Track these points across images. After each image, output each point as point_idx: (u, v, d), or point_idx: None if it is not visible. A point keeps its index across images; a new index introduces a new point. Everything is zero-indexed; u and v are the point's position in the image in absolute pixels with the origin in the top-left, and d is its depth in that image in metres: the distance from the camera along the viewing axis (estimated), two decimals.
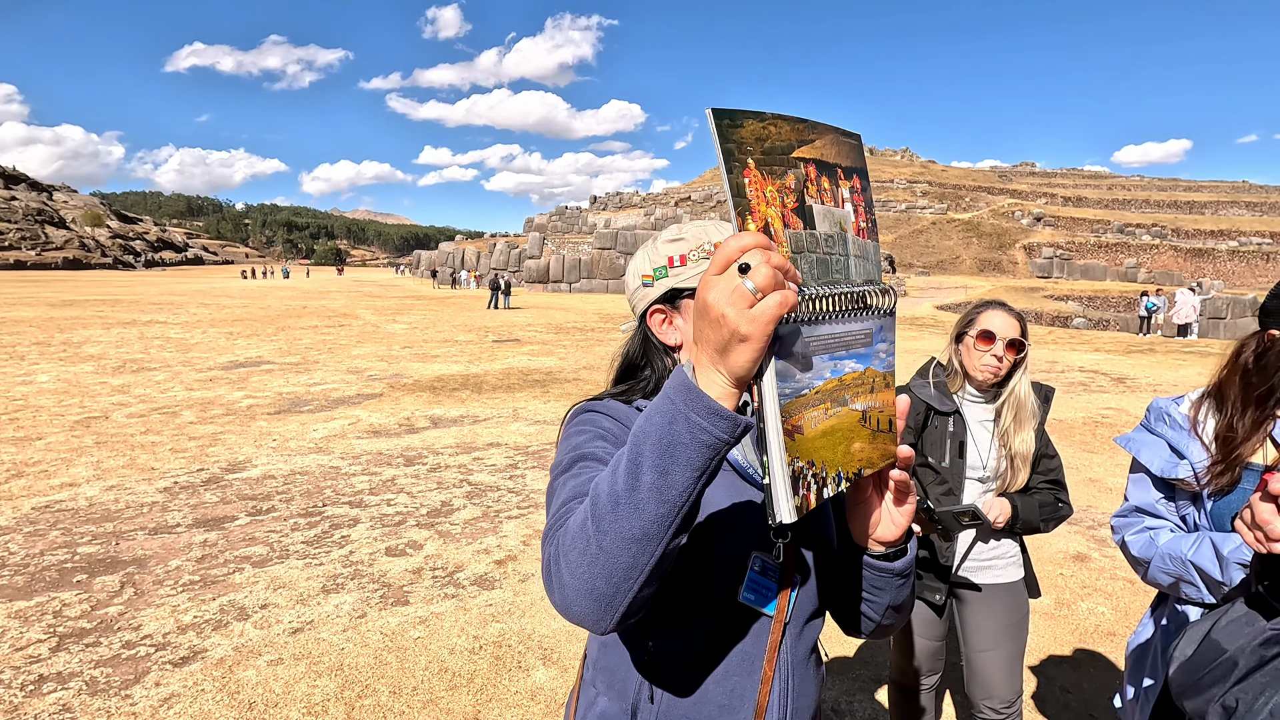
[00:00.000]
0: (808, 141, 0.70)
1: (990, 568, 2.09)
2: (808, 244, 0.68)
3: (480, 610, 3.55)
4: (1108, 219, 54.42)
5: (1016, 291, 32.69)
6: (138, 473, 5.66)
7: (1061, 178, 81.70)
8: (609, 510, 0.67)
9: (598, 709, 0.99)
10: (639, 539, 0.66)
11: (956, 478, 2.03)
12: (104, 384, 9.43)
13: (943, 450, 2.04)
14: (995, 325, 1.99)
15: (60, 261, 76.12)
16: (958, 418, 2.05)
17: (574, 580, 0.70)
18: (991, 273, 45.56)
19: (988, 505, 2.00)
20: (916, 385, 2.14)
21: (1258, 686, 0.90)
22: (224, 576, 3.84)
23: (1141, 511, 1.54)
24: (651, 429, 0.65)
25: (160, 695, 2.78)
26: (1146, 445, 1.54)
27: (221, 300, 26.86)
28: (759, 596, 0.95)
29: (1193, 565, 1.35)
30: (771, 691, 0.95)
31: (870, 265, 0.77)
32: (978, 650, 2.09)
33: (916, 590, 2.11)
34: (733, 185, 0.61)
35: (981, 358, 2.00)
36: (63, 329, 15.59)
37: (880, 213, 58.72)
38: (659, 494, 0.65)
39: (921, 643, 2.20)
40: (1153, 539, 1.47)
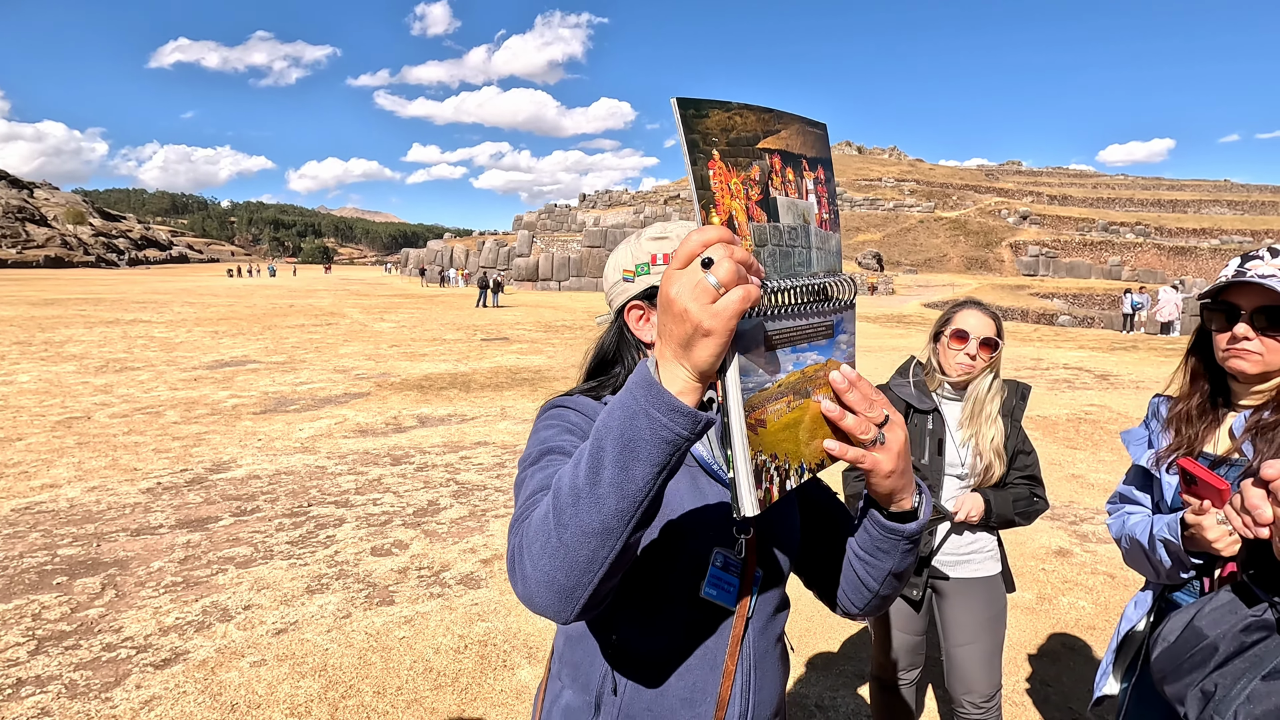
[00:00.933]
0: (773, 132, 0.69)
1: (968, 562, 2.11)
2: (771, 237, 0.68)
3: (466, 609, 3.54)
4: (1092, 217, 54.97)
5: (1002, 289, 32.97)
6: (120, 473, 5.60)
7: (1047, 176, 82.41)
8: (570, 504, 0.68)
9: (563, 702, 1.00)
10: (599, 533, 0.67)
11: (936, 475, 2.06)
12: (86, 384, 9.32)
13: (922, 448, 2.06)
14: (969, 324, 2.01)
15: (42, 260, 75.10)
16: (936, 416, 2.08)
17: (535, 572, 0.71)
18: (978, 270, 45.90)
19: (960, 500, 2.03)
20: (895, 384, 2.16)
21: (1237, 671, 0.92)
22: (207, 578, 3.81)
23: (1123, 498, 1.66)
24: (613, 424, 0.65)
25: (141, 698, 2.76)
26: (1136, 438, 1.65)
27: (206, 299, 26.60)
28: (721, 592, 0.96)
29: (1140, 544, 1.46)
30: (733, 685, 0.96)
31: (831, 256, 0.78)
32: (957, 644, 2.12)
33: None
34: (697, 177, 0.60)
35: (955, 356, 2.03)
36: (44, 328, 15.38)
37: (868, 211, 59.01)
38: (619, 489, 0.65)
39: (901, 637, 2.22)
40: (1124, 522, 1.57)
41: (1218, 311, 1.37)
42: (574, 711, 0.98)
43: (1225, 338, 1.36)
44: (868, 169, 76.58)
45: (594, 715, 0.96)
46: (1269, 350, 1.31)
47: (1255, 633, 0.93)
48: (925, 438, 2.07)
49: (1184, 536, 1.30)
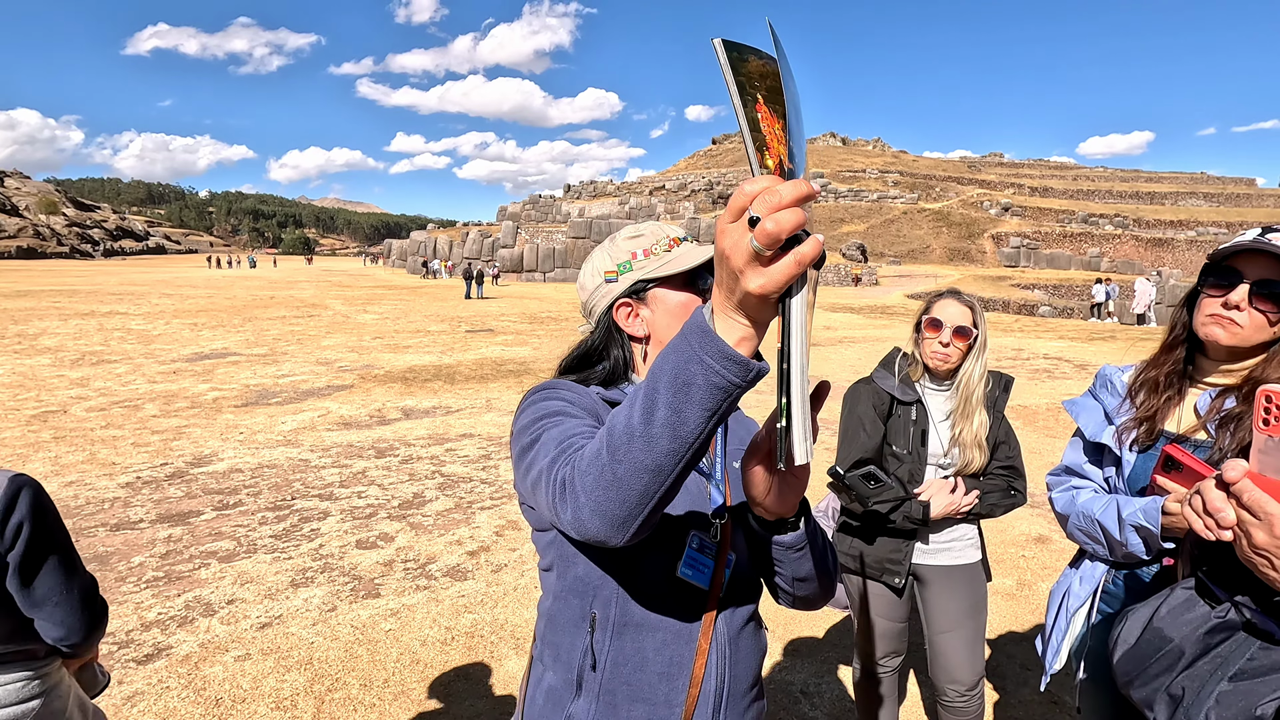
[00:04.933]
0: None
1: (949, 550, 2.13)
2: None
3: (453, 601, 3.54)
4: (1073, 209, 55.62)
5: (984, 280, 33.30)
6: (98, 468, 5.52)
7: (1029, 168, 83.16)
8: (624, 441, 0.70)
9: (545, 684, 1.03)
10: (651, 470, 0.70)
11: (919, 464, 2.08)
12: (62, 377, 9.16)
13: (906, 439, 2.09)
14: (945, 314, 2.03)
15: (13, 250, 73.47)
16: (919, 407, 2.09)
17: (589, 501, 0.75)
18: (961, 262, 46.31)
19: (929, 485, 2.06)
20: (879, 376, 2.17)
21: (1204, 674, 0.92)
22: (189, 572, 3.78)
23: (1070, 471, 1.65)
24: (667, 367, 0.67)
25: (123, 694, 2.73)
26: (1085, 409, 1.63)
27: (185, 290, 26.18)
28: (696, 572, 1.00)
29: (1099, 524, 1.45)
30: (708, 662, 1.01)
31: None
32: (939, 631, 2.15)
33: (876, 573, 2.13)
34: (749, 119, 0.58)
35: (930, 345, 2.05)
36: (16, 320, 15.07)
37: (852, 202, 59.22)
38: (672, 430, 0.67)
39: (883, 624, 2.24)
40: (1074, 498, 1.57)
41: (1218, 275, 1.35)
42: (556, 692, 1.01)
43: (1215, 303, 1.34)
44: (852, 160, 76.82)
45: (575, 693, 0.99)
46: (1251, 324, 1.30)
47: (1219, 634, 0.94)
48: (909, 428, 2.08)
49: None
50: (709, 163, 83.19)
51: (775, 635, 3.24)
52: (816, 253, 0.58)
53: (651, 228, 1.10)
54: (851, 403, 2.18)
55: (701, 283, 1.08)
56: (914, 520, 2.02)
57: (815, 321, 15.52)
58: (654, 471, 0.70)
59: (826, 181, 63.28)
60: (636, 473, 0.70)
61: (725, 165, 77.22)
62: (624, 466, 0.71)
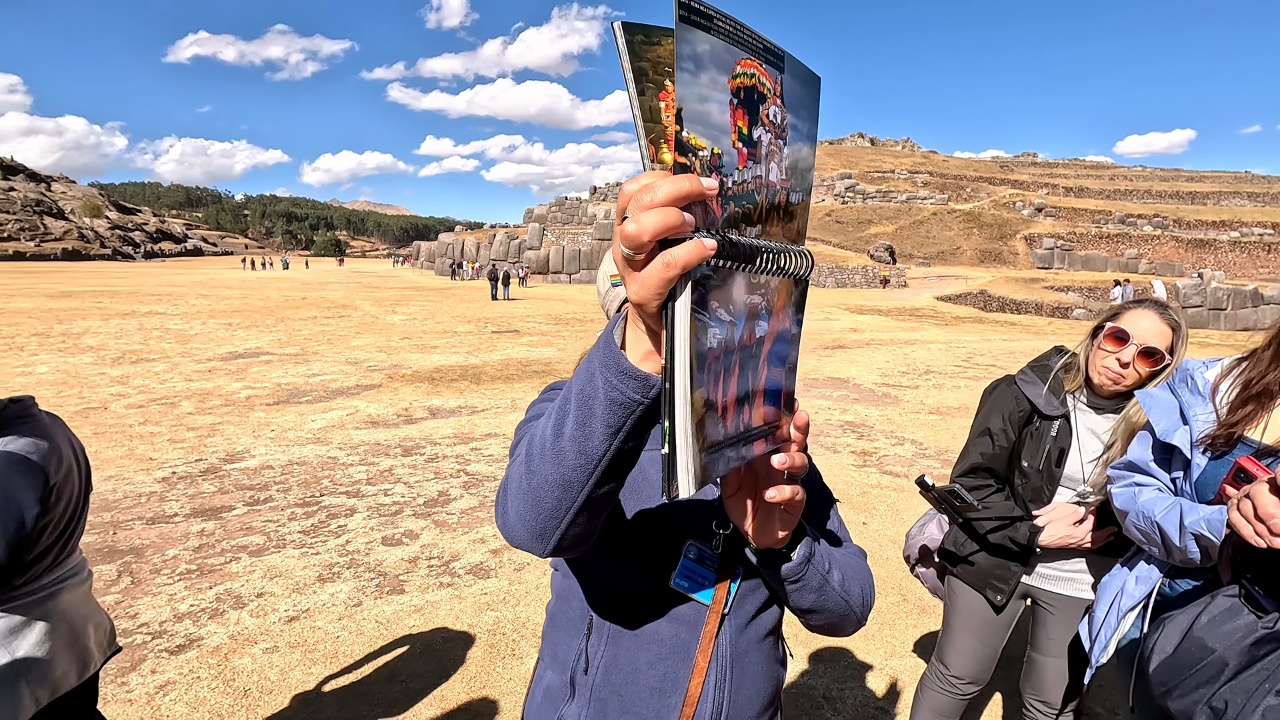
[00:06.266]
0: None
1: (1073, 580, 1.91)
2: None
3: (476, 599, 3.57)
4: (1109, 209, 54.24)
5: (1016, 282, 32.63)
6: (136, 463, 5.67)
7: (1063, 168, 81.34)
8: (537, 453, 0.70)
9: (545, 682, 1.02)
10: (560, 485, 0.68)
11: (1047, 485, 1.85)
12: (103, 375, 9.44)
13: (1039, 455, 1.84)
14: (1136, 327, 1.71)
15: (59, 252, 75.99)
16: (1064, 424, 1.82)
17: (513, 508, 0.74)
18: (992, 263, 45.45)
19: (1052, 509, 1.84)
20: (1024, 379, 1.92)
21: (1248, 687, 0.87)
22: (221, 566, 3.86)
23: (1134, 467, 1.57)
24: (577, 380, 0.66)
25: (156, 683, 2.80)
26: (1159, 405, 1.54)
27: (220, 291, 26.83)
28: (692, 584, 0.94)
29: (1159, 527, 1.39)
30: (706, 682, 0.94)
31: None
32: (1044, 654, 1.97)
33: (978, 583, 1.96)
34: (644, 109, 0.53)
35: (1104, 359, 1.74)
36: (61, 320, 15.57)
37: (881, 203, 58.49)
38: (578, 445, 0.66)
39: (971, 645, 2.04)
40: (1135, 495, 1.51)
41: None
42: (553, 691, 0.99)
43: None
44: (880, 161, 75.87)
45: (570, 695, 0.97)
46: None
47: (1266, 645, 0.89)
48: (1045, 444, 1.84)
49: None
50: None
51: (797, 639, 3.21)
52: (691, 255, 0.51)
53: None
54: (986, 403, 1.97)
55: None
56: (1018, 543, 1.83)
57: (843, 323, 15.08)
58: (563, 486, 0.68)
59: (854, 182, 62.59)
60: (547, 486, 0.69)
61: None
62: (536, 478, 0.70)
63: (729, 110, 0.54)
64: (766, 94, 0.59)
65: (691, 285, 0.53)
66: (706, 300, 0.55)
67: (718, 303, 0.56)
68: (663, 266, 0.51)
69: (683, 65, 0.49)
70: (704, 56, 0.51)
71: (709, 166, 0.53)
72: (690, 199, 0.50)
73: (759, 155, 0.59)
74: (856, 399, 8.80)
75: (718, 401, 0.59)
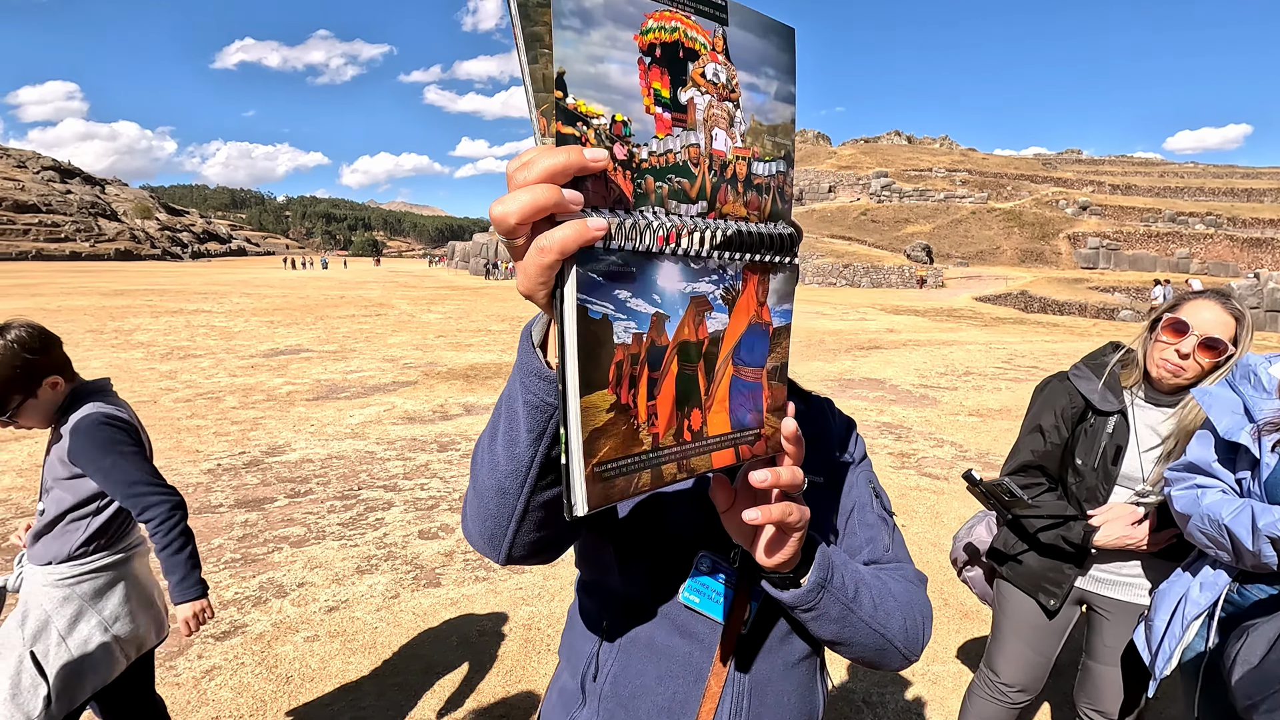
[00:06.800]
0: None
1: (1130, 585, 1.83)
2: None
3: (510, 593, 3.58)
4: (1159, 207, 52.42)
5: (1059, 282, 31.73)
6: (184, 455, 5.84)
7: (1110, 165, 78.88)
8: (477, 459, 0.69)
9: (560, 683, 0.99)
10: (498, 491, 0.66)
11: (1102, 484, 1.79)
12: (153, 370, 9.76)
13: (1093, 452, 1.78)
14: (1196, 318, 1.64)
15: (112, 253, 78.99)
16: (1120, 420, 1.76)
17: (468, 514, 0.73)
18: (1033, 263, 44.31)
19: (1108, 509, 1.77)
20: (1078, 374, 1.86)
21: None
22: (264, 555, 3.95)
23: (1195, 468, 1.51)
24: (507, 384, 0.63)
25: (202, 667, 2.87)
26: (1220, 402, 1.48)
27: (262, 290, 27.56)
28: (705, 600, 0.86)
29: (1228, 530, 1.33)
30: (719, 709, 0.86)
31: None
32: (1099, 661, 1.90)
33: (1030, 587, 1.89)
34: (536, 77, 0.47)
35: (1163, 351, 1.67)
36: (115, 317, 16.16)
37: (917, 202, 57.46)
38: (509, 450, 0.63)
39: (1023, 652, 1.95)
40: (1198, 497, 1.45)
41: None
42: (567, 694, 0.95)
43: None
44: (917, 159, 74.55)
45: (582, 700, 0.93)
46: None
47: None
48: (1100, 441, 1.77)
49: None
50: None
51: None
52: (569, 239, 0.44)
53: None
54: (1038, 400, 1.91)
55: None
56: (1071, 544, 1.76)
57: (878, 324, 14.82)
58: (500, 493, 0.66)
59: (890, 181, 61.61)
60: (488, 493, 0.67)
61: None
62: (479, 483, 0.68)
63: (638, 71, 0.48)
64: (699, 50, 0.52)
65: (584, 272, 0.46)
66: (611, 289, 0.48)
67: (630, 292, 0.49)
68: (537, 253, 0.45)
69: (563, 22, 0.44)
70: (594, 11, 0.45)
71: (608, 136, 0.47)
72: (570, 173, 0.44)
73: (693, 121, 0.52)
74: (893, 400, 8.65)
75: (636, 406, 0.51)
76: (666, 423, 0.54)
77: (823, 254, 39.81)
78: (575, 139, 0.45)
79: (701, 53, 0.52)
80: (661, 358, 0.52)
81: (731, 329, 0.58)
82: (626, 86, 0.48)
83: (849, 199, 61.78)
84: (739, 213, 0.57)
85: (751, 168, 0.57)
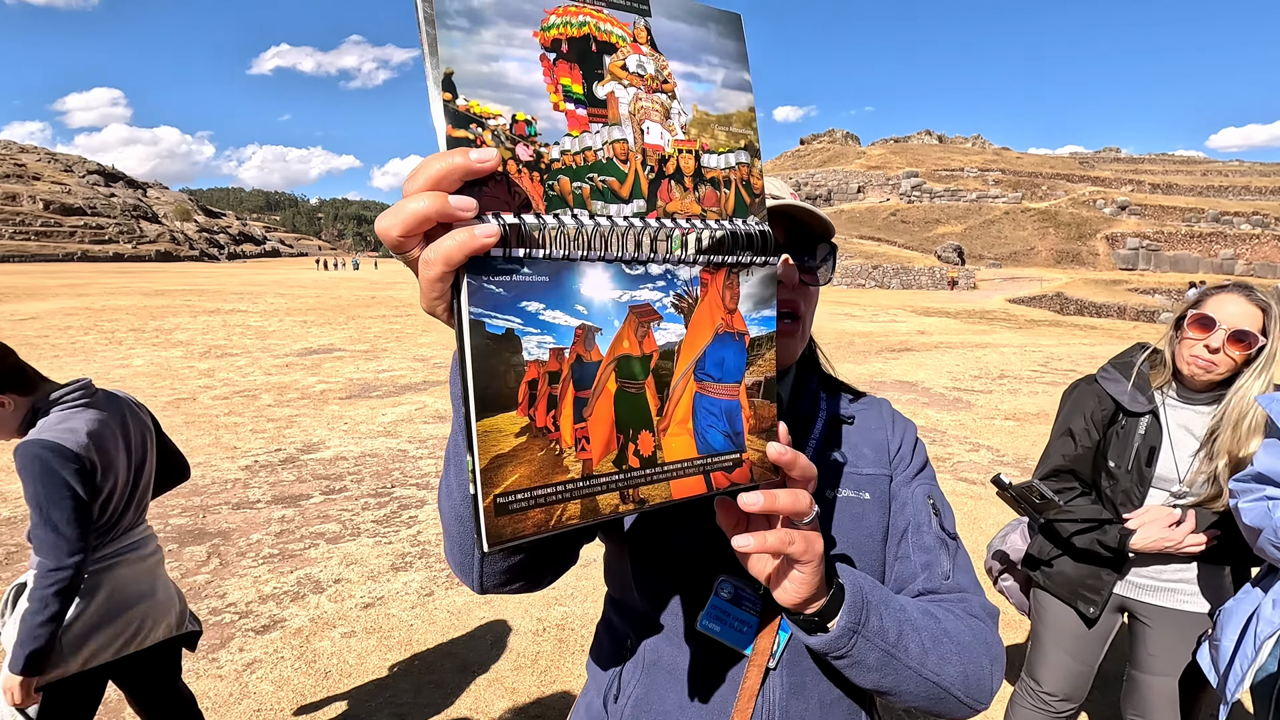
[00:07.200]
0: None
1: (1173, 591, 1.78)
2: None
3: (544, 594, 3.58)
4: (1201, 207, 50.87)
5: (1097, 284, 30.97)
6: (222, 451, 5.97)
7: (1149, 164, 76.80)
8: (440, 484, 0.67)
9: (587, 698, 0.95)
10: (456, 519, 0.65)
11: (1137, 486, 1.75)
12: (191, 368, 10.00)
13: (1126, 455, 1.75)
14: (1221, 311, 1.62)
15: (153, 254, 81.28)
16: (1152, 420, 1.74)
17: (445, 543, 0.71)
18: (1070, 264, 43.30)
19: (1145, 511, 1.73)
20: (1106, 376, 1.84)
21: None
22: (300, 551, 4.01)
23: (1265, 479, 1.45)
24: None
25: (244, 660, 2.92)
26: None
27: (296, 290, 28.12)
28: (726, 629, 0.79)
29: None
30: None
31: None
32: (1145, 671, 1.83)
33: (1067, 595, 1.86)
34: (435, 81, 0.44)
35: (1192, 348, 1.66)
36: (155, 316, 16.61)
37: (949, 202, 56.58)
38: (458, 477, 0.62)
39: (1059, 656, 1.90)
40: (1270, 510, 1.39)
41: None
42: (594, 710, 0.91)
43: None
44: (949, 159, 73.38)
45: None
46: None
47: None
48: (1133, 443, 1.75)
49: None
50: (796, 164, 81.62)
51: None
52: (453, 250, 0.41)
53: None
54: (1067, 404, 1.90)
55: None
56: (1108, 547, 1.72)
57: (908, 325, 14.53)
58: (459, 520, 0.64)
59: (920, 181, 60.72)
60: (449, 520, 0.65)
61: (814, 165, 75.57)
62: (442, 510, 0.66)
63: (541, 68, 0.46)
64: (616, 42, 0.50)
65: (478, 284, 0.43)
66: (517, 301, 0.45)
67: (543, 304, 0.46)
68: (424, 266, 0.43)
69: (448, 22, 0.42)
70: (484, 10, 0.44)
71: (509, 136, 0.45)
72: (456, 178, 0.42)
73: (615, 116, 0.49)
74: (926, 403, 8.50)
75: (559, 429, 0.47)
76: (603, 448, 0.49)
77: (851, 255, 39.38)
78: (469, 142, 0.43)
79: (620, 45, 0.50)
80: (592, 375, 0.48)
81: (690, 341, 0.52)
82: (528, 84, 0.46)
83: (878, 199, 61.02)
84: (691, 210, 0.52)
85: (701, 161, 0.53)
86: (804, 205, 0.82)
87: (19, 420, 1.69)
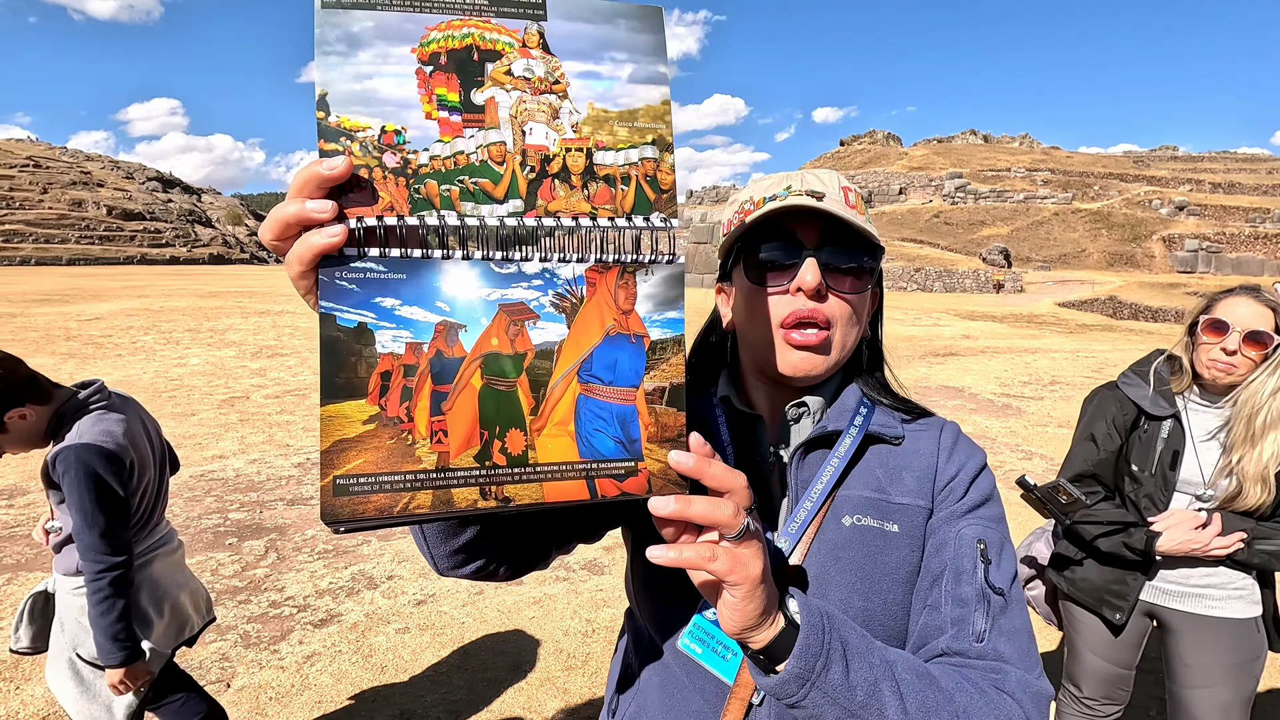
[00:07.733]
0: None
1: (1202, 596, 1.76)
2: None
3: (591, 594, 3.59)
4: (1267, 206, 48.61)
5: (1152, 288, 29.83)
6: (275, 448, 6.15)
7: (1209, 162, 73.70)
8: None
9: (602, 713, 0.96)
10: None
11: (1162, 490, 1.76)
12: (245, 367, 10.33)
13: (1149, 459, 1.76)
14: (1234, 314, 1.65)
15: (206, 257, 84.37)
16: (1174, 424, 1.75)
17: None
18: (1123, 267, 41.81)
19: (1170, 514, 1.73)
20: (1127, 381, 1.86)
21: None
22: (354, 547, 4.10)
23: None
24: None
25: (304, 653, 3.00)
26: None
27: None
28: (709, 652, 0.74)
29: None
30: None
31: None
32: (1185, 686, 1.80)
33: (1092, 602, 1.87)
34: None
35: (1209, 351, 1.68)
36: (209, 317, 17.23)
37: (995, 203, 55.20)
38: None
39: (1094, 660, 1.90)
40: None
41: None
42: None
43: None
44: (995, 159, 71.58)
45: None
46: None
47: None
48: (1156, 446, 1.76)
49: None
50: (836, 164, 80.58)
51: None
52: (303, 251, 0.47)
53: (749, 188, 0.82)
54: (1088, 411, 1.91)
55: (775, 262, 0.75)
56: (1134, 550, 1.71)
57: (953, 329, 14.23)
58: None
59: (965, 182, 59.36)
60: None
61: (854, 167, 74.50)
62: None
63: (416, 81, 0.49)
64: (501, 49, 0.52)
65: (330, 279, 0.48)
66: (370, 296, 0.48)
67: (399, 300, 0.48)
68: (286, 264, 0.48)
69: (327, 49, 0.47)
70: (363, 34, 0.48)
71: (376, 146, 0.48)
72: (313, 185, 0.47)
73: (493, 120, 0.51)
74: (974, 409, 8.29)
75: (412, 420, 0.49)
76: (463, 442, 0.50)
77: (892, 257, 38.68)
78: (338, 153, 0.47)
79: (506, 51, 0.52)
80: (454, 371, 0.50)
81: (573, 341, 0.52)
82: (400, 98, 0.49)
83: (920, 201, 59.84)
84: (578, 209, 0.52)
85: (593, 158, 0.53)
86: (820, 207, 0.72)
87: (42, 428, 1.69)
